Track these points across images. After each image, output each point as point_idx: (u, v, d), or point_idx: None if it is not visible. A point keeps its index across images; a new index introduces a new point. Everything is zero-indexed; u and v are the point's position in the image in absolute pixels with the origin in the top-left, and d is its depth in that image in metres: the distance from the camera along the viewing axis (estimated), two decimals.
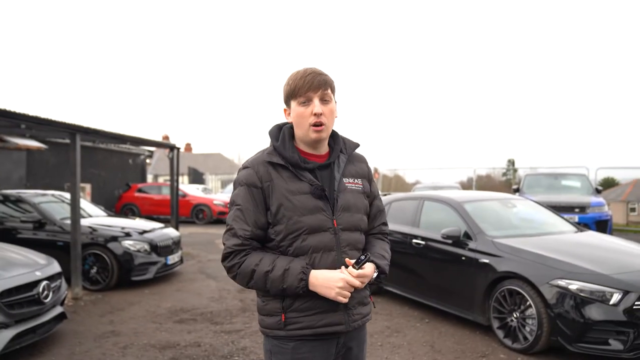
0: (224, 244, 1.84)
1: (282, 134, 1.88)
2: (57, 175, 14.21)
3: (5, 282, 4.29)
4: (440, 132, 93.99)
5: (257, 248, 1.83)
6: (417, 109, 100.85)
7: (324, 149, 1.92)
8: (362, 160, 2.04)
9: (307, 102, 1.80)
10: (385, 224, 2.11)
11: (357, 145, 2.01)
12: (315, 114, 1.79)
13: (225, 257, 1.82)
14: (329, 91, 1.83)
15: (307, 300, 1.78)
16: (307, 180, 1.82)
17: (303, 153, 1.88)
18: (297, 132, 1.86)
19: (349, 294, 1.76)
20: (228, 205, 1.90)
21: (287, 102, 1.86)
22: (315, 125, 1.80)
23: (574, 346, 4.17)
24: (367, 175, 2.02)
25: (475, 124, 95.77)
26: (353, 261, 1.78)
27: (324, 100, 1.82)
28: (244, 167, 1.86)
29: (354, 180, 1.94)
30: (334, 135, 1.96)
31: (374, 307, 2.00)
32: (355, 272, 1.76)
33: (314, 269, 1.77)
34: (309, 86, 1.78)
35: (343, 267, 1.79)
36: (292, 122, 1.88)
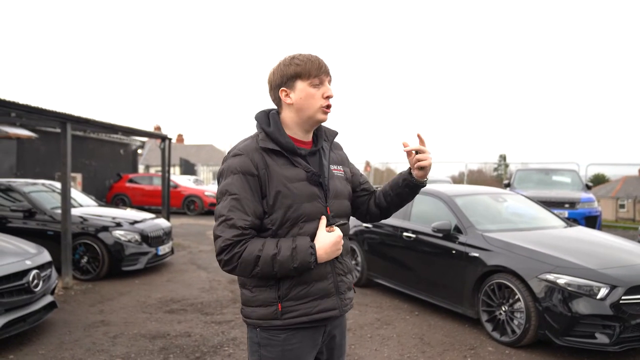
0: (218, 237, 1.71)
1: (273, 119, 1.83)
2: (47, 165, 14.10)
3: None
4: (432, 126, 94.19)
5: (255, 237, 1.75)
6: (409, 103, 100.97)
7: (310, 136, 1.92)
8: (340, 147, 2.08)
9: (320, 84, 1.81)
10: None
11: (337, 133, 2.01)
12: (328, 97, 1.81)
13: (222, 250, 1.70)
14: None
15: (303, 288, 1.77)
16: (302, 166, 1.79)
17: (293, 140, 1.86)
18: (300, 115, 1.82)
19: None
20: (217, 195, 1.81)
21: (290, 83, 1.80)
22: (325, 107, 1.81)
23: (561, 339, 4.22)
24: (346, 162, 2.05)
25: (468, 119, 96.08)
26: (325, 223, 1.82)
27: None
28: (235, 154, 1.78)
29: (338, 167, 1.95)
30: None
31: (355, 293, 2.02)
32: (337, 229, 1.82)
33: None
34: (324, 69, 1.80)
35: (323, 225, 1.80)
36: (289, 104, 1.82)
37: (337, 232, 1.79)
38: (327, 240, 1.76)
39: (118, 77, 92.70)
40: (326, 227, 1.79)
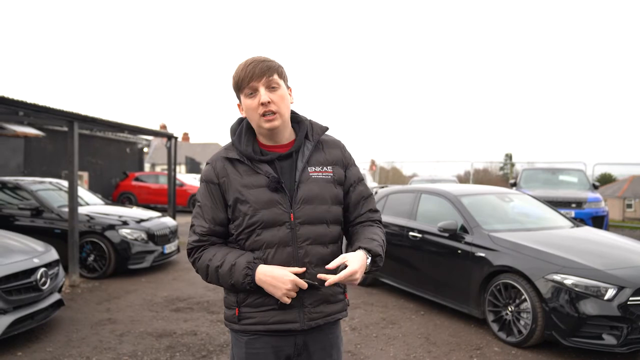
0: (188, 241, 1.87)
1: (241, 127, 1.83)
2: (54, 163, 14.17)
3: (3, 268, 4.30)
4: (438, 125, 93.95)
5: (216, 243, 1.81)
6: (415, 102, 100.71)
7: (287, 137, 1.82)
8: (335, 145, 1.90)
9: (254, 92, 1.72)
10: (373, 210, 1.94)
11: (325, 129, 1.88)
12: (262, 104, 1.70)
13: (188, 253, 1.85)
14: (276, 77, 1.73)
15: (260, 296, 1.74)
16: (264, 172, 1.74)
17: (263, 145, 1.81)
18: (254, 125, 1.78)
19: (295, 295, 1.70)
20: None
21: (238, 96, 1.79)
22: (264, 115, 1.71)
23: (567, 340, 4.21)
24: (340, 162, 1.87)
25: (474, 118, 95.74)
26: (321, 275, 1.67)
27: (271, 88, 1.72)
28: (207, 163, 1.84)
29: (322, 169, 1.81)
30: (299, 121, 1.87)
31: (348, 305, 1.90)
32: (304, 285, 1.69)
33: (267, 264, 1.71)
34: (251, 76, 1.70)
35: (297, 268, 1.70)
36: (246, 117, 1.81)
37: (293, 277, 1.67)
38: (275, 272, 1.68)
39: (124, 76, 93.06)
40: (302, 279, 1.69)
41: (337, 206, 1.83)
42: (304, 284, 1.69)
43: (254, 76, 1.69)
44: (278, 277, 1.67)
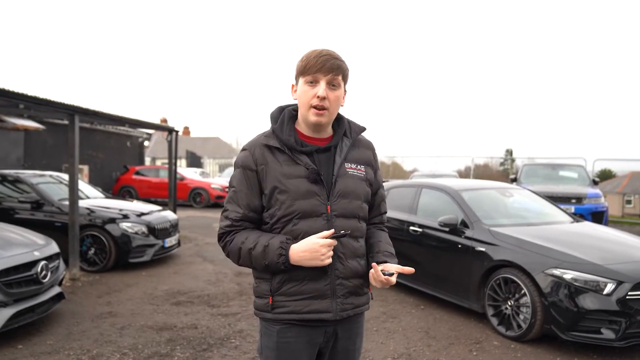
0: (219, 225, 1.88)
1: (282, 116, 1.85)
2: (55, 156, 14.17)
3: (4, 261, 4.31)
4: (439, 121, 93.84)
5: (248, 229, 1.83)
6: (416, 97, 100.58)
7: (327, 132, 1.87)
8: (368, 146, 1.97)
9: (314, 82, 1.75)
10: (385, 212, 2.09)
11: (363, 129, 1.94)
12: (318, 97, 1.74)
13: (219, 238, 1.86)
14: (340, 77, 1.77)
15: (294, 285, 1.77)
16: (304, 164, 1.78)
17: (302, 136, 1.84)
18: (300, 111, 1.82)
19: (332, 254, 1.73)
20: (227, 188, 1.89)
21: (297, 78, 1.82)
22: (316, 107, 1.75)
23: (566, 334, 4.22)
24: (371, 163, 1.95)
25: (474, 113, 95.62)
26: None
27: (332, 85, 1.76)
28: (243, 149, 1.85)
29: (356, 167, 1.87)
30: (339, 119, 1.91)
31: (372, 299, 1.97)
32: (333, 242, 1.72)
33: None
34: (320, 67, 1.73)
35: (323, 234, 1.73)
36: (295, 100, 1.85)
37: (318, 240, 1.70)
38: (303, 245, 1.72)
39: (125, 69, 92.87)
40: (330, 237, 1.73)
41: (366, 204, 1.91)
42: (333, 241, 1.72)
43: (323, 69, 1.73)
44: (309, 247, 1.71)
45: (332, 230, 1.73)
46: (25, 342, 4.40)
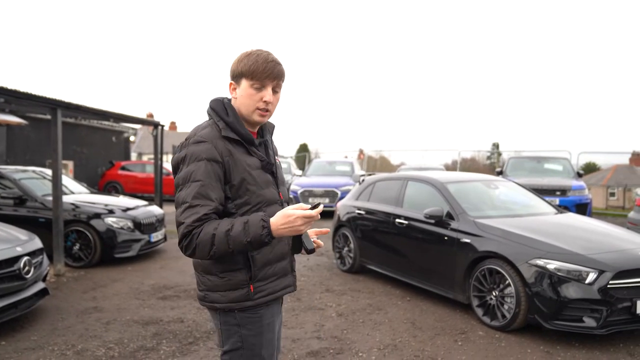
0: (181, 223, 1.74)
1: (231, 110, 1.90)
2: (38, 152, 14.00)
3: None
4: (426, 115, 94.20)
5: (214, 219, 1.78)
6: (403, 92, 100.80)
7: (256, 128, 2.01)
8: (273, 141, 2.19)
9: (261, 88, 1.85)
10: None
11: (274, 127, 2.12)
12: (265, 101, 1.86)
13: (185, 236, 1.73)
14: (282, 82, 1.91)
15: (269, 268, 1.91)
16: (257, 156, 1.91)
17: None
18: (241, 110, 1.90)
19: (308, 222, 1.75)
20: (178, 182, 1.82)
21: (238, 78, 1.88)
22: (262, 110, 1.88)
23: (549, 323, 4.28)
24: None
25: (461, 108, 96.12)
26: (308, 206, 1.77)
27: (275, 90, 1.90)
28: (198, 141, 1.80)
29: (278, 158, 2.09)
30: None
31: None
32: (312, 212, 1.74)
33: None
34: (268, 74, 1.83)
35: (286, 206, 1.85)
36: (234, 98, 1.91)
37: (294, 211, 1.72)
38: (280, 216, 1.73)
39: (110, 63, 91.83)
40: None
41: None
42: (310, 212, 1.73)
43: (271, 76, 1.84)
44: (288, 215, 1.71)
45: (309, 206, 1.77)
46: (8, 339, 4.36)
